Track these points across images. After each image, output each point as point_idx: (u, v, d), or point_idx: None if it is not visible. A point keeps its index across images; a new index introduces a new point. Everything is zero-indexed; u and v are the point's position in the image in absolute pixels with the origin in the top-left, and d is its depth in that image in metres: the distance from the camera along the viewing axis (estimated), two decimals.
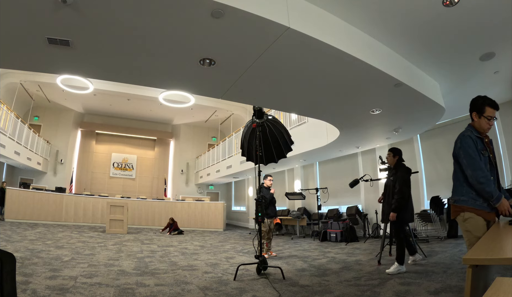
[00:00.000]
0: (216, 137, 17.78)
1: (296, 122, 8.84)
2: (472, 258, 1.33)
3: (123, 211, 9.44)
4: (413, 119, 5.85)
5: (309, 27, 3.03)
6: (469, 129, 2.23)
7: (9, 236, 6.66)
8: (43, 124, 14.93)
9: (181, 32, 2.92)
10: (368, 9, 3.31)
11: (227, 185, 18.07)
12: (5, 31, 2.83)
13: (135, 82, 4.35)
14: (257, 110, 4.57)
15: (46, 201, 10.82)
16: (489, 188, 2.02)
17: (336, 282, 3.51)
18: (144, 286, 3.31)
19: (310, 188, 10.02)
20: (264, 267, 4.00)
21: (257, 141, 4.50)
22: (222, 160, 13.67)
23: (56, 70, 4.05)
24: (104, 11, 2.59)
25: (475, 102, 2.24)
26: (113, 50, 3.21)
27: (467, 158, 2.11)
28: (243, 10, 2.61)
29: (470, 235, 2.09)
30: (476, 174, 2.05)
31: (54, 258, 4.60)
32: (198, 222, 12.29)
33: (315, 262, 4.91)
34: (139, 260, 4.95)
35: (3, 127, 10.09)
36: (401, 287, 3.14)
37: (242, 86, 4.12)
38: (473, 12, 3.24)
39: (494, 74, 4.78)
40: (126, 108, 15.33)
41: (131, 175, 16.88)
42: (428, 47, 4.04)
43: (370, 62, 3.62)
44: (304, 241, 8.25)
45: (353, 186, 6.55)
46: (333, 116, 5.66)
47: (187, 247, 6.86)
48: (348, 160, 9.60)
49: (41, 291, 2.85)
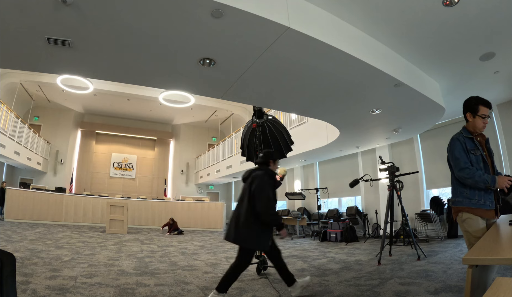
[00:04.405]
0: (216, 137, 17.77)
1: (296, 122, 8.84)
2: (472, 258, 1.33)
3: (123, 211, 9.43)
4: (413, 119, 5.85)
5: (309, 27, 3.04)
6: (459, 132, 2.29)
7: (9, 236, 6.66)
8: (43, 124, 14.93)
9: (181, 32, 2.92)
10: (368, 9, 3.31)
11: (227, 185, 18.07)
12: (5, 31, 2.83)
13: (135, 82, 4.36)
14: (257, 110, 4.56)
15: (46, 201, 10.82)
16: (479, 177, 2.05)
17: (336, 282, 3.51)
18: (144, 286, 3.31)
19: (310, 188, 10.02)
20: (264, 267, 4.00)
21: (257, 141, 4.50)
22: (222, 160, 13.67)
23: (56, 70, 4.06)
24: (104, 11, 2.59)
25: (468, 103, 2.28)
26: (113, 50, 3.21)
27: (453, 160, 2.19)
28: (243, 10, 2.62)
29: (470, 235, 2.10)
30: (461, 173, 2.12)
31: (54, 258, 4.60)
32: (198, 222, 12.29)
33: (315, 262, 4.91)
34: (139, 260, 4.95)
35: (3, 127, 10.09)
36: (401, 287, 3.14)
37: (242, 86, 4.12)
38: (473, 12, 3.24)
39: (494, 74, 4.78)
40: (126, 108, 15.33)
41: (131, 175, 16.88)
42: (428, 47, 4.04)
43: (370, 62, 3.62)
44: (304, 241, 8.25)
45: (353, 186, 6.54)
46: (333, 116, 5.66)
47: (187, 247, 6.85)
48: (348, 160, 9.60)
49: (41, 291, 2.85)
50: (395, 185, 5.42)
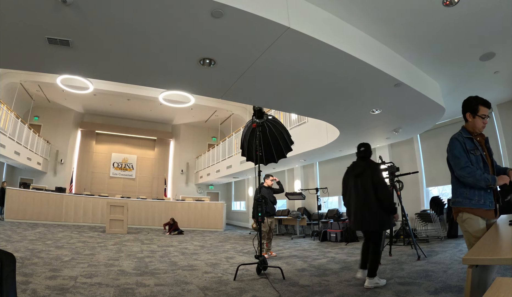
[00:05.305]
0: (216, 137, 17.77)
1: (296, 122, 8.84)
2: (472, 258, 1.34)
3: (123, 211, 9.44)
4: (413, 119, 5.84)
5: (309, 27, 3.03)
6: (458, 132, 2.29)
7: (9, 236, 6.66)
8: (43, 124, 14.93)
9: (181, 32, 2.92)
10: (368, 9, 3.31)
11: (227, 185, 18.07)
12: (6, 31, 2.83)
13: (135, 82, 4.35)
14: (257, 110, 4.56)
15: (46, 201, 10.82)
16: (480, 176, 2.06)
17: (336, 282, 3.51)
18: (144, 286, 3.31)
19: (310, 188, 10.02)
20: (264, 267, 4.00)
21: (257, 141, 4.50)
22: (222, 160, 13.66)
23: (56, 70, 4.05)
24: (104, 11, 2.59)
25: (468, 103, 2.28)
26: (113, 50, 3.21)
27: (453, 159, 2.19)
28: (243, 10, 2.61)
29: (470, 235, 2.10)
30: (461, 172, 2.13)
31: (54, 258, 4.60)
32: (198, 222, 12.29)
33: (315, 262, 4.91)
34: (139, 260, 4.95)
35: (3, 127, 10.08)
36: (401, 287, 3.14)
37: (242, 86, 4.12)
38: (473, 12, 3.24)
39: (494, 74, 4.77)
40: (126, 108, 15.32)
41: (131, 175, 16.87)
42: (428, 47, 4.04)
43: (370, 62, 3.62)
44: (304, 241, 8.25)
45: None
46: (333, 116, 5.66)
47: (187, 247, 6.85)
48: (348, 160, 9.53)
49: (41, 291, 2.85)
50: (395, 185, 5.42)
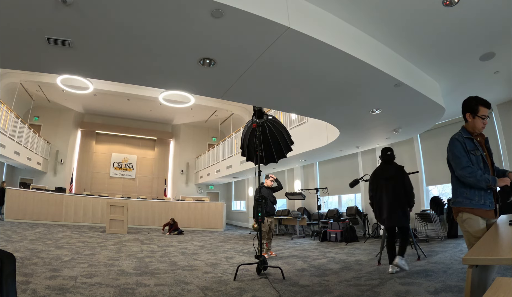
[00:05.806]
0: (216, 137, 17.77)
1: (296, 122, 8.84)
2: (472, 258, 1.33)
3: (123, 211, 9.44)
4: (413, 119, 5.85)
5: (309, 27, 3.03)
6: (458, 132, 2.29)
7: (9, 236, 6.66)
8: (43, 124, 14.93)
9: (181, 32, 2.92)
10: (368, 9, 3.31)
11: (227, 185, 18.07)
12: (5, 31, 2.82)
13: (135, 82, 4.35)
14: (257, 110, 4.56)
15: (46, 201, 10.82)
16: (480, 176, 2.07)
17: (336, 282, 3.51)
18: (144, 286, 3.31)
19: (310, 188, 10.02)
20: (264, 267, 4.00)
21: (257, 141, 4.50)
22: (222, 160, 13.66)
23: (56, 70, 4.05)
24: (104, 11, 2.59)
25: (468, 103, 2.28)
26: (113, 50, 3.21)
27: (454, 159, 2.19)
28: (243, 10, 2.61)
29: (470, 235, 2.10)
30: (462, 172, 2.13)
31: (54, 258, 4.60)
32: (198, 222, 12.29)
33: (315, 262, 4.91)
34: (139, 260, 4.95)
35: (3, 127, 10.08)
36: (401, 287, 3.14)
37: (242, 86, 4.12)
38: (473, 12, 3.24)
39: (494, 74, 4.78)
40: (126, 108, 15.32)
41: (131, 175, 16.87)
42: (428, 47, 4.04)
43: (370, 62, 3.62)
44: (304, 241, 8.25)
45: (353, 186, 6.56)
46: (333, 116, 5.66)
47: (187, 247, 6.85)
48: (348, 160, 9.60)
49: (41, 291, 2.85)
50: None
